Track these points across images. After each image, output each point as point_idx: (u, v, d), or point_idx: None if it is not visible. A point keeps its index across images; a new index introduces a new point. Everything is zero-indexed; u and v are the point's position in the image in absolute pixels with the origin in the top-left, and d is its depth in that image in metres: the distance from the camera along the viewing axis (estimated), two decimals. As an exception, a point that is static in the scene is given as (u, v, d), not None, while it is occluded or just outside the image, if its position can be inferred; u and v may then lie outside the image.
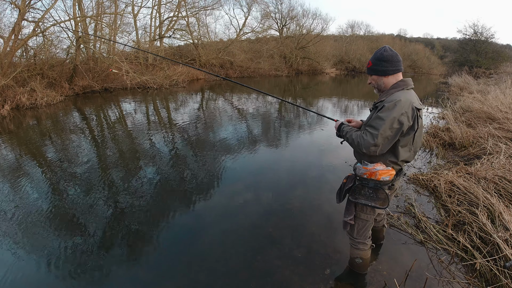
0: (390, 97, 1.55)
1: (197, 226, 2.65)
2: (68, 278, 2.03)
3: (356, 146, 1.62)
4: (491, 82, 12.21)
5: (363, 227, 1.86)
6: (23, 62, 9.70)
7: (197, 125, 6.57)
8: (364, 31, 35.37)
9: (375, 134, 1.51)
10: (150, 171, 3.89)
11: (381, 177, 1.62)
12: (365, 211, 1.80)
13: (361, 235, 1.88)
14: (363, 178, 1.68)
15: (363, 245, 1.91)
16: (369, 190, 1.67)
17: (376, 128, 1.51)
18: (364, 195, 1.70)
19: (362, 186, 1.70)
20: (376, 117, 1.53)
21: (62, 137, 5.52)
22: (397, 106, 1.48)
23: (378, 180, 1.62)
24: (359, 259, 1.97)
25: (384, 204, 1.64)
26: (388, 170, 1.62)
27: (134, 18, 15.40)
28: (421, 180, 3.40)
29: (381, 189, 1.64)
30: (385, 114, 1.49)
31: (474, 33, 22.17)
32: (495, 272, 1.92)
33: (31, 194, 3.21)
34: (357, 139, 1.59)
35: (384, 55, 1.59)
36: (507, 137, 4.41)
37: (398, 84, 1.61)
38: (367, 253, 1.96)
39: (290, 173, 3.79)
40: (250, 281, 1.98)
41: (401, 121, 1.48)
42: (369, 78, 1.72)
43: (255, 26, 28.94)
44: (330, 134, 5.75)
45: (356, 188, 1.73)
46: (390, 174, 1.61)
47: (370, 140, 1.52)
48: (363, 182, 1.69)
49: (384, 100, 1.58)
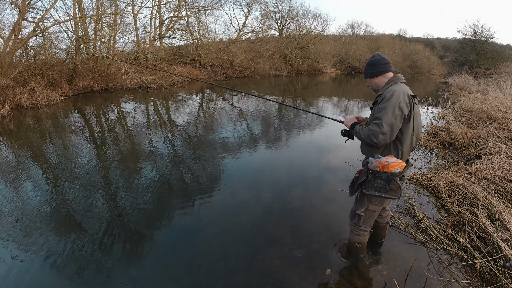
0: (388, 91, 1.71)
1: (197, 226, 2.65)
2: (68, 278, 2.04)
3: (368, 139, 1.71)
4: (491, 82, 12.20)
5: (369, 217, 1.98)
6: (23, 62, 9.68)
7: (197, 125, 6.57)
8: (364, 31, 35.34)
9: (380, 123, 1.64)
10: (150, 171, 3.89)
11: (393, 169, 1.70)
12: (373, 202, 1.91)
13: (366, 224, 2.02)
14: (375, 171, 1.76)
15: (364, 231, 2.06)
16: (382, 182, 1.76)
17: (380, 118, 1.65)
18: (377, 187, 1.78)
19: (375, 179, 1.78)
20: (378, 109, 1.69)
21: (62, 137, 5.52)
22: (394, 95, 1.65)
23: (390, 172, 1.71)
24: (359, 244, 2.12)
25: (397, 194, 1.75)
26: (399, 162, 1.71)
27: (134, 18, 15.37)
28: (421, 180, 3.40)
29: (393, 180, 1.74)
30: (385, 104, 1.65)
31: (474, 33, 22.17)
32: (495, 272, 1.92)
33: (31, 194, 3.21)
34: (367, 132, 1.71)
35: (372, 60, 1.85)
36: (507, 137, 4.41)
37: (391, 79, 1.81)
38: (366, 238, 2.12)
39: (290, 173, 3.79)
40: (250, 281, 1.99)
41: (401, 107, 1.64)
42: (367, 82, 1.95)
43: (255, 26, 28.87)
44: (329, 134, 5.75)
45: (369, 181, 1.80)
46: (401, 166, 1.71)
47: (377, 129, 1.65)
48: (376, 175, 1.77)
49: (381, 94, 1.75)
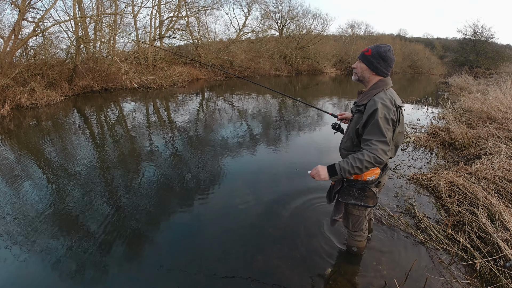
0: (373, 100, 1.53)
1: (197, 226, 2.65)
2: (68, 278, 2.03)
3: (374, 162, 1.50)
4: (491, 82, 12.19)
5: (357, 221, 1.95)
6: (23, 62, 9.69)
7: (197, 125, 6.57)
8: (364, 31, 35.35)
9: (384, 141, 1.48)
10: (150, 171, 3.89)
11: (367, 177, 1.67)
12: (356, 208, 1.87)
13: (356, 228, 1.99)
14: (350, 179, 1.73)
15: (360, 236, 2.04)
16: (357, 190, 1.72)
17: (383, 135, 1.48)
18: (352, 196, 1.74)
19: (350, 187, 1.75)
20: (373, 126, 1.50)
21: (62, 137, 5.52)
22: (385, 109, 1.49)
23: (364, 180, 1.68)
24: (356, 248, 2.12)
25: (374, 202, 1.69)
26: (373, 170, 1.64)
27: (134, 18, 15.39)
28: (421, 180, 3.40)
29: (368, 188, 1.69)
30: (380, 121, 1.47)
31: (474, 33, 22.14)
32: (495, 272, 1.92)
33: (31, 194, 3.21)
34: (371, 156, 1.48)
35: (387, 55, 1.56)
36: (507, 137, 4.41)
37: (378, 84, 1.60)
38: (363, 243, 2.10)
39: (290, 173, 3.78)
40: (250, 281, 1.98)
41: (393, 119, 1.52)
42: (357, 63, 1.64)
43: (255, 26, 28.86)
44: (329, 134, 5.75)
45: (344, 190, 1.77)
46: (375, 173, 1.66)
47: (385, 147, 1.48)
48: (351, 184, 1.74)
49: (366, 103, 1.56)
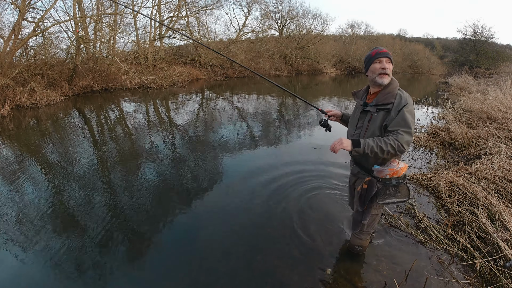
0: (401, 97, 1.65)
1: (197, 226, 2.64)
2: (67, 278, 2.03)
3: (397, 149, 1.56)
4: (491, 82, 12.20)
5: (373, 220, 1.96)
6: (23, 62, 9.68)
7: (197, 125, 6.57)
8: (364, 31, 35.34)
9: (410, 132, 1.58)
10: (150, 171, 3.89)
11: (403, 172, 1.71)
12: (376, 206, 1.86)
13: (371, 227, 2.00)
14: (385, 178, 1.72)
15: (367, 235, 2.06)
16: (393, 188, 1.73)
17: (409, 127, 1.58)
18: (389, 195, 1.75)
19: (386, 187, 1.74)
20: (401, 118, 1.59)
21: (62, 137, 5.51)
22: (412, 104, 1.64)
23: (399, 176, 1.71)
24: (359, 247, 2.14)
25: (409, 195, 1.74)
26: (406, 164, 1.74)
27: (134, 18, 15.35)
28: (421, 180, 3.40)
29: (402, 183, 1.73)
30: (408, 114, 1.59)
31: (474, 33, 22.20)
32: (495, 272, 1.92)
33: (31, 194, 3.21)
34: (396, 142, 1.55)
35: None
36: (507, 137, 4.41)
37: (395, 83, 1.72)
38: (367, 242, 2.13)
39: (290, 173, 3.78)
40: (250, 281, 1.98)
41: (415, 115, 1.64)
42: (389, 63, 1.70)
43: (255, 26, 28.87)
44: (330, 134, 5.74)
45: (380, 191, 1.75)
46: (407, 167, 1.74)
47: (409, 138, 1.58)
48: (386, 183, 1.72)
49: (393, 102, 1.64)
